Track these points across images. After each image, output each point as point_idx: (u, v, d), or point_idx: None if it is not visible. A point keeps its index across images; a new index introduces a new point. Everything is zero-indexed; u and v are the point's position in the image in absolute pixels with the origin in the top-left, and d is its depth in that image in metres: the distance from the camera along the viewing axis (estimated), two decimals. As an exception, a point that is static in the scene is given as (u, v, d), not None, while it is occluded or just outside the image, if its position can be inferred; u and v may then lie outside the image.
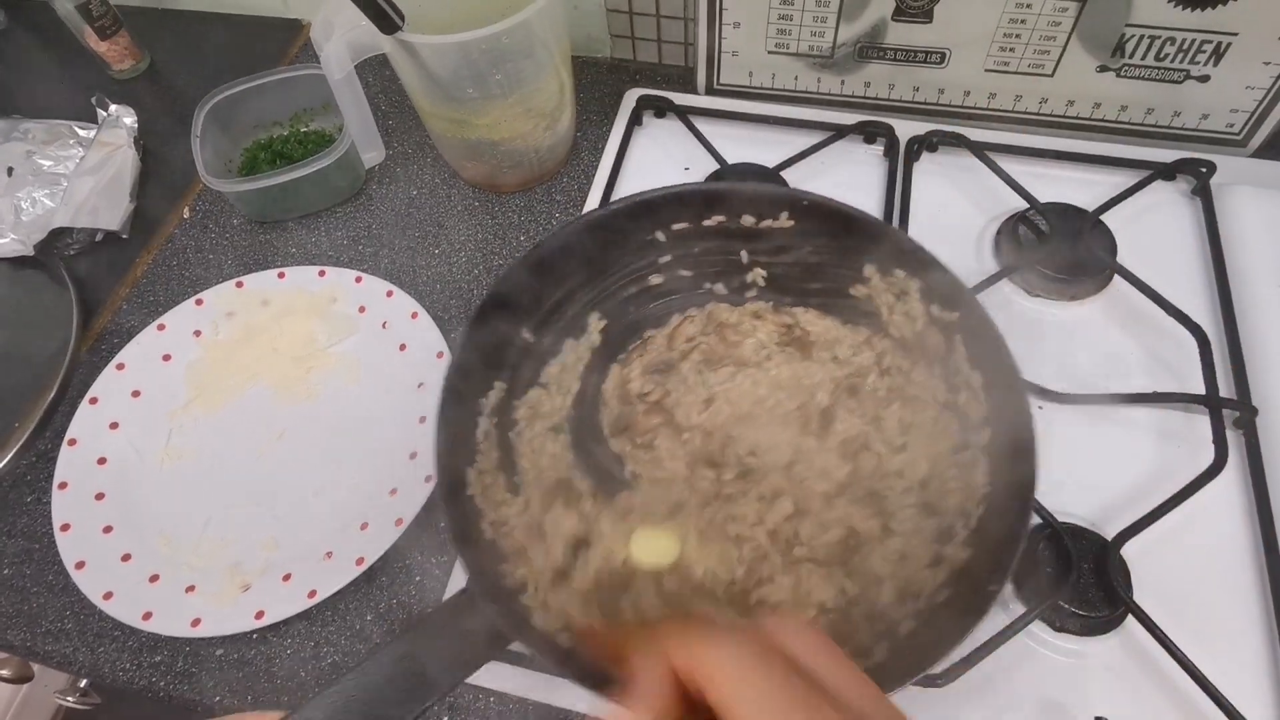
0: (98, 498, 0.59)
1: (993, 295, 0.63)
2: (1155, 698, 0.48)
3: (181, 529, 0.59)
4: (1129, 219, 0.66)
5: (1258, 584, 0.51)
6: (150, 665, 0.55)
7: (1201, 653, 0.47)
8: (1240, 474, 0.55)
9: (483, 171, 0.74)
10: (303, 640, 0.55)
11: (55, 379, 0.66)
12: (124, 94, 0.85)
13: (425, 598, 0.56)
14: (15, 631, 0.57)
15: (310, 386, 0.65)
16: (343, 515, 0.58)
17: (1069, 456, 0.56)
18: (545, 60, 0.66)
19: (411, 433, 0.60)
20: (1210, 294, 0.63)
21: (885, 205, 0.70)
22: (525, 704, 0.51)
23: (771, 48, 0.75)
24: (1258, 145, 0.71)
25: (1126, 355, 0.61)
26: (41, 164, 0.78)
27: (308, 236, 0.75)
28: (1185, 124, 0.71)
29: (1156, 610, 0.49)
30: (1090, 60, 0.68)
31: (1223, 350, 0.60)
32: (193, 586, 0.55)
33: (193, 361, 0.66)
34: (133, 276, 0.74)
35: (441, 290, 0.70)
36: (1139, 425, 0.58)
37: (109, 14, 0.84)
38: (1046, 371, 0.59)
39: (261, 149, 0.79)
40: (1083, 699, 0.48)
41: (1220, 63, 0.66)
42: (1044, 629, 0.50)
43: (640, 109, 0.78)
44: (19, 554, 0.60)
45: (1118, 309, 0.63)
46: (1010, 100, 0.73)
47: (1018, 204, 0.67)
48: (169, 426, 0.64)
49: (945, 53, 0.71)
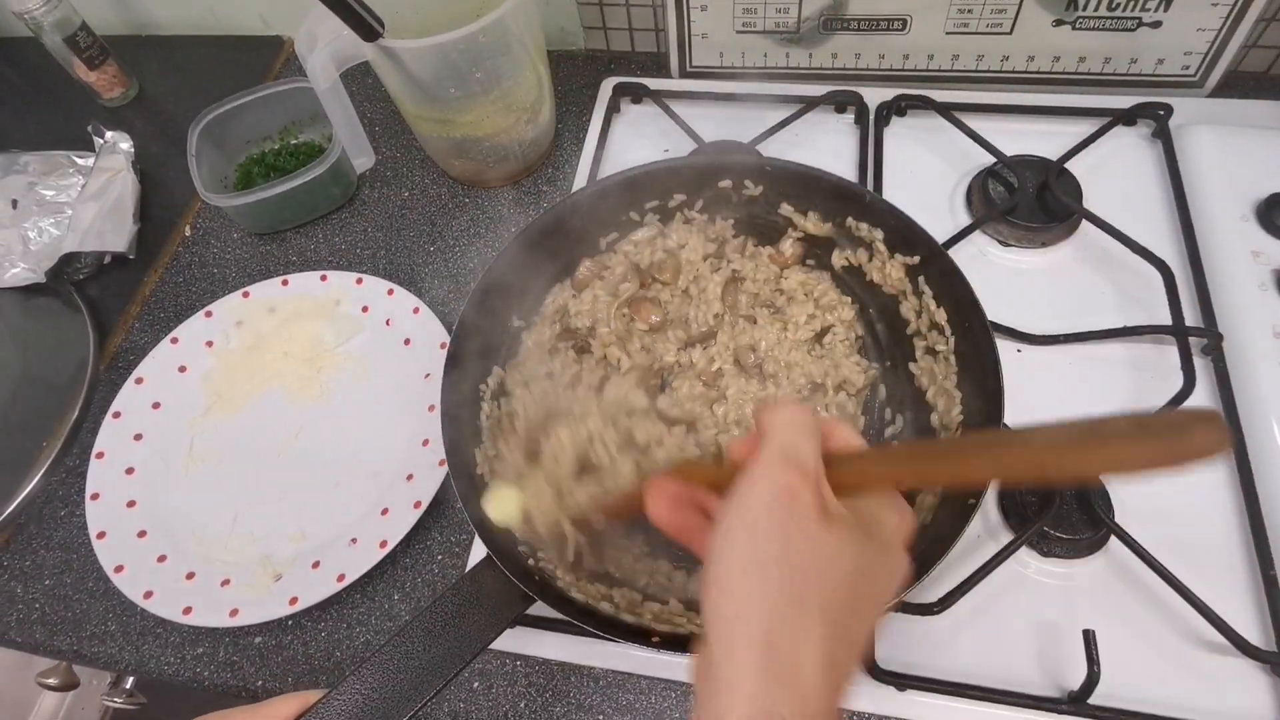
0: (129, 505, 0.62)
1: (967, 247, 0.66)
2: (1141, 609, 0.51)
3: (212, 528, 0.62)
4: (1093, 166, 0.69)
5: (1233, 499, 0.54)
6: (193, 657, 0.58)
7: (1182, 566, 0.50)
8: (1211, 396, 0.58)
9: (470, 168, 0.77)
10: (335, 622, 0.58)
11: (78, 398, 0.69)
12: (117, 121, 0.88)
13: (447, 573, 0.59)
14: (62, 637, 0.60)
15: (322, 386, 0.68)
16: (364, 503, 0.61)
17: (1049, 394, 0.59)
18: (522, 55, 0.68)
19: (423, 421, 0.63)
20: (1174, 230, 0.66)
21: (859, 170, 0.72)
22: (550, 665, 0.55)
23: (739, 27, 0.77)
24: (1214, 85, 0.74)
25: (1098, 295, 0.64)
26: (44, 194, 0.81)
27: (307, 243, 0.78)
28: (1143, 70, 0.74)
29: (1138, 530, 0.51)
30: (1046, 15, 0.71)
31: (1188, 282, 0.63)
32: (228, 580, 0.58)
33: (207, 371, 0.69)
34: (142, 295, 0.77)
35: (440, 284, 0.73)
36: (1113, 360, 0.60)
37: (95, 44, 0.87)
38: (1023, 316, 0.62)
39: (255, 163, 0.82)
40: (1072, 616, 0.51)
41: (1170, 8, 0.68)
42: (1033, 555, 0.53)
43: (617, 96, 0.80)
44: (58, 564, 0.63)
45: (1087, 252, 0.66)
46: (973, 60, 0.76)
47: (986, 159, 0.70)
48: (190, 434, 0.66)
49: (906, 19, 0.74)
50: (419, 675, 0.44)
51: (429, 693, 0.43)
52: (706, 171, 0.62)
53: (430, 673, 0.44)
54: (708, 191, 0.62)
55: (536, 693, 0.54)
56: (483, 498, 0.48)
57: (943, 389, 0.53)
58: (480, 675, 0.55)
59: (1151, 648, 0.50)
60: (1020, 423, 0.54)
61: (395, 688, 0.43)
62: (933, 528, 0.47)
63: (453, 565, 0.59)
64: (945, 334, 0.54)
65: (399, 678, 0.43)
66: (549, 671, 0.55)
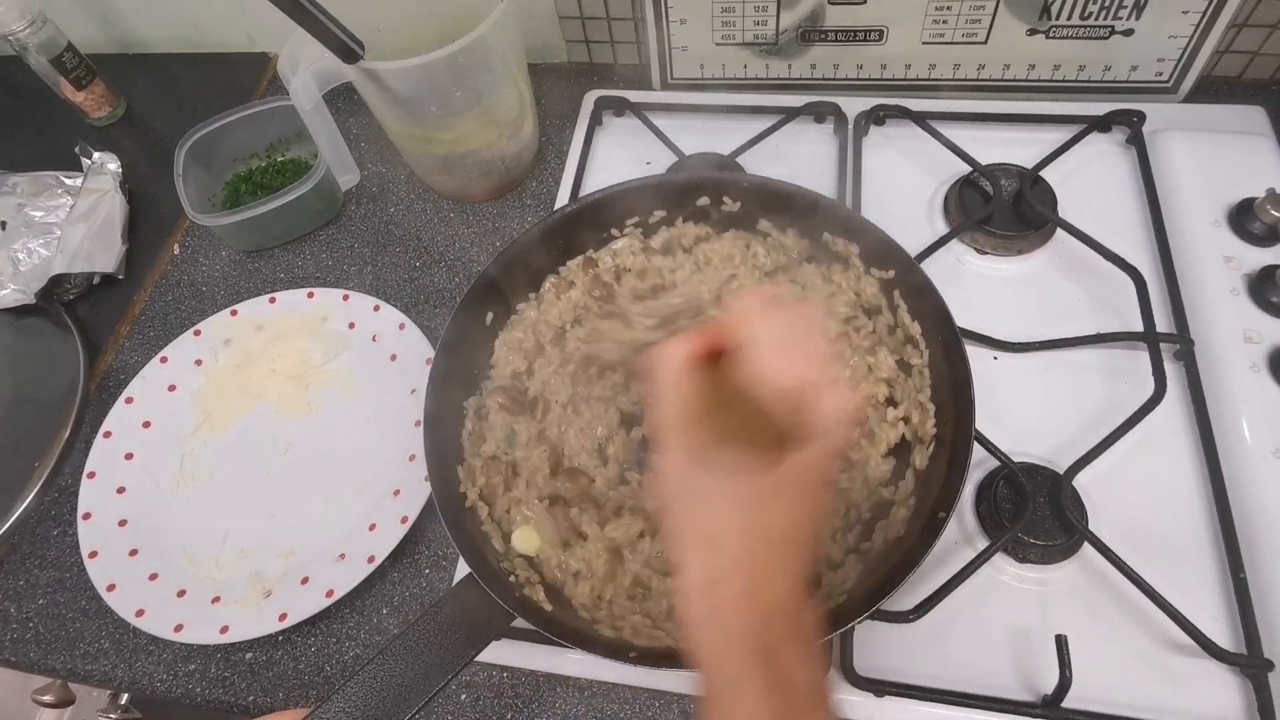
0: (121, 524, 0.63)
1: (944, 255, 0.67)
2: (1114, 614, 0.52)
3: (202, 545, 0.62)
4: (1068, 173, 0.70)
5: (1204, 503, 0.55)
6: (185, 674, 0.59)
7: (1154, 570, 0.51)
8: (1183, 402, 0.59)
9: (454, 183, 0.78)
10: (325, 637, 0.59)
11: (69, 418, 0.70)
12: (104, 140, 0.88)
13: (435, 587, 0.60)
14: (56, 656, 0.61)
15: (310, 402, 0.69)
16: (352, 518, 0.62)
17: (1023, 401, 0.60)
18: (503, 72, 0.69)
19: (409, 436, 0.64)
20: (1148, 236, 0.67)
21: (839, 180, 0.73)
22: (536, 676, 0.55)
23: (718, 40, 0.78)
24: (1188, 90, 0.75)
25: (1073, 302, 0.65)
26: (33, 215, 0.81)
27: (294, 261, 0.79)
28: (1117, 77, 0.75)
29: (1111, 536, 0.52)
30: (1020, 25, 0.72)
31: (1161, 289, 0.63)
32: (218, 597, 0.59)
33: (197, 389, 0.70)
34: (132, 314, 0.77)
35: (426, 300, 0.74)
36: (1086, 366, 0.61)
37: (82, 65, 0.87)
38: (999, 324, 0.63)
39: (242, 181, 0.82)
40: (1046, 622, 0.52)
41: (1142, 15, 0.69)
42: (1008, 561, 0.54)
43: (599, 110, 0.81)
44: (51, 584, 0.64)
45: (1062, 259, 0.67)
46: (949, 69, 0.77)
47: (963, 168, 0.71)
48: (181, 452, 0.67)
49: (883, 30, 0.74)
50: (401, 693, 0.44)
51: (412, 709, 0.44)
52: (688, 188, 0.62)
53: (413, 690, 0.45)
54: (687, 208, 0.63)
55: (522, 704, 0.55)
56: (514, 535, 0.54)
57: (916, 402, 0.54)
58: (467, 687, 0.56)
59: (1125, 651, 0.51)
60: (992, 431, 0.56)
61: (378, 706, 0.44)
62: (905, 539, 0.48)
63: (440, 579, 0.60)
64: (920, 348, 0.55)
65: (382, 696, 0.44)
66: (534, 682, 0.55)
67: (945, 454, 0.50)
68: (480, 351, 0.61)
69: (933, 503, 0.48)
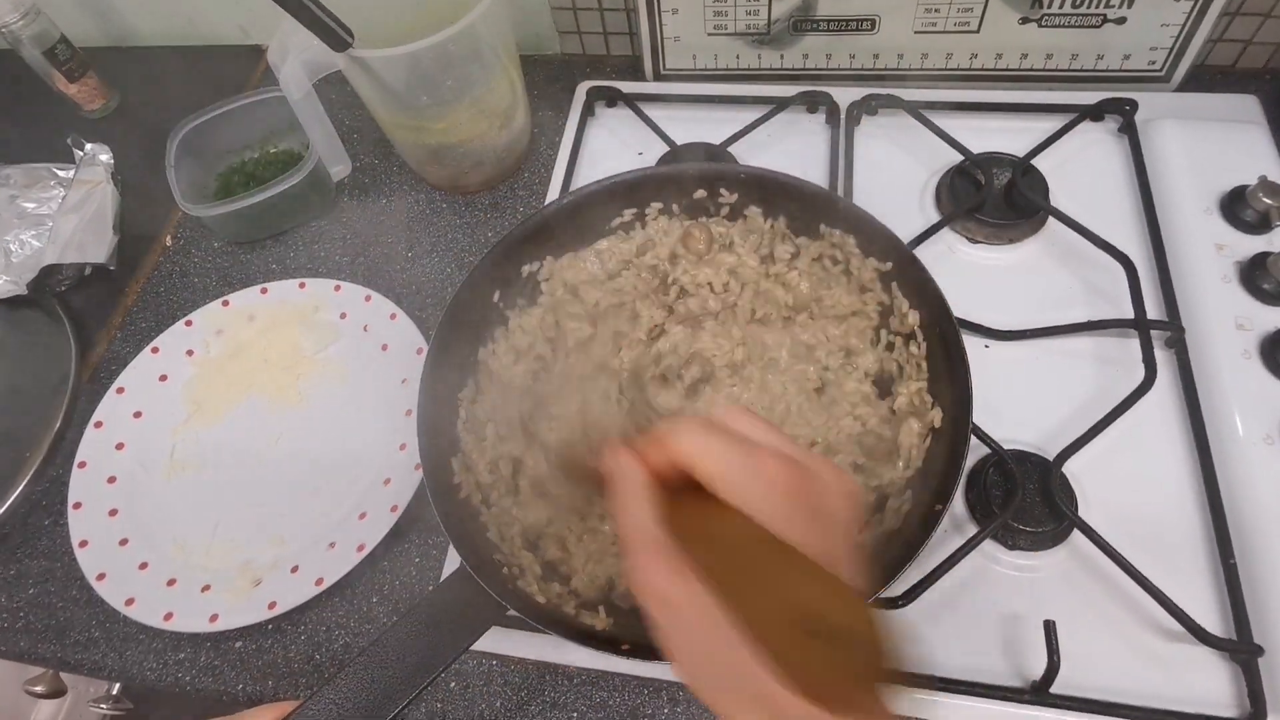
0: (111, 514, 0.63)
1: (936, 244, 0.67)
2: (1103, 600, 0.52)
3: (193, 535, 0.62)
4: (1060, 161, 0.70)
5: (1194, 489, 0.55)
6: (175, 662, 0.59)
7: (1144, 556, 0.51)
8: (1173, 390, 0.59)
9: (446, 174, 0.78)
10: (315, 625, 0.59)
11: (60, 408, 0.70)
12: (97, 132, 0.88)
13: (425, 576, 0.60)
14: (46, 645, 0.61)
15: (301, 392, 0.69)
16: (342, 507, 0.62)
17: (1015, 389, 0.60)
18: (493, 62, 0.69)
19: (399, 425, 0.64)
20: (1140, 225, 0.67)
21: (830, 170, 0.73)
22: (526, 664, 0.55)
23: (710, 29, 0.78)
24: (1181, 79, 0.74)
25: (1064, 290, 0.65)
26: (25, 206, 0.81)
27: (286, 252, 0.79)
28: (1110, 66, 0.74)
29: (1100, 522, 0.52)
30: (1012, 13, 0.72)
31: (1152, 276, 0.63)
32: (208, 586, 0.59)
33: (188, 379, 0.70)
34: (124, 305, 0.77)
35: (417, 290, 0.74)
36: (1078, 353, 0.61)
37: (75, 57, 0.87)
38: (991, 312, 0.63)
39: (234, 173, 0.82)
40: (1036, 608, 0.52)
41: (1134, 3, 0.69)
42: (997, 548, 0.54)
43: (592, 100, 0.81)
44: (42, 573, 0.64)
45: (1053, 247, 0.67)
46: (942, 59, 0.77)
47: (955, 157, 0.70)
48: (172, 442, 0.67)
49: (875, 19, 0.74)
50: (392, 685, 0.44)
51: (403, 701, 0.43)
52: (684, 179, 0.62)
53: (404, 682, 0.44)
54: (684, 199, 0.62)
55: (512, 691, 0.55)
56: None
57: (913, 395, 0.54)
58: (457, 676, 0.56)
59: (1114, 637, 0.51)
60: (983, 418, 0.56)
61: (369, 698, 0.44)
62: (901, 533, 0.48)
63: (430, 568, 0.60)
64: (917, 339, 0.54)
65: (373, 687, 0.44)
66: (524, 670, 0.55)
67: (942, 448, 0.50)
68: (476, 343, 0.61)
69: (929, 496, 0.48)
